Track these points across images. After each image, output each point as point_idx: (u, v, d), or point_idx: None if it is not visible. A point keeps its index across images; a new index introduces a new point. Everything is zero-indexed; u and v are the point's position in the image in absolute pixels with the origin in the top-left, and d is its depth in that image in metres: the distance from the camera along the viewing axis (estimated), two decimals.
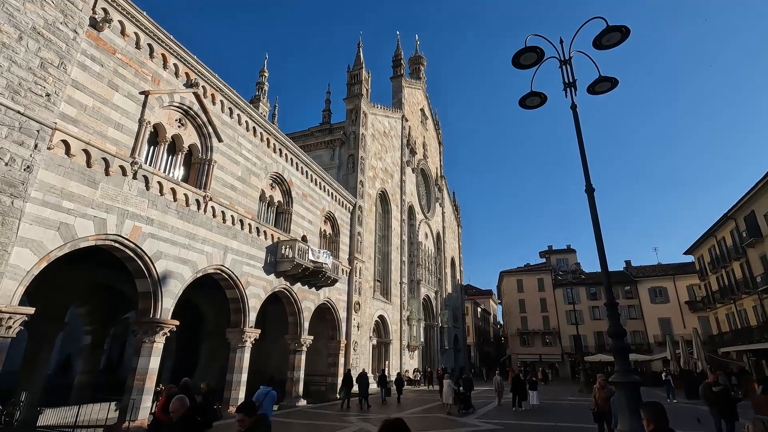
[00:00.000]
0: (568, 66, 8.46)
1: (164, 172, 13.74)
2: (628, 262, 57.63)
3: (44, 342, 16.60)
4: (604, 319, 48.06)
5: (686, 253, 43.62)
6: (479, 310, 74.58)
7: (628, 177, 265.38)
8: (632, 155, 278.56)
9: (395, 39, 43.96)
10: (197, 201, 14.53)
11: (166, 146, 14.13)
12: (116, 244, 11.66)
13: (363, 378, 20.65)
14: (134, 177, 12.10)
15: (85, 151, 10.78)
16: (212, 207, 15.23)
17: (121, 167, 11.73)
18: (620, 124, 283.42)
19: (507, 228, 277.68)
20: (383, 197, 34.25)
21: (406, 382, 27.88)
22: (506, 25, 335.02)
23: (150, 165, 13.13)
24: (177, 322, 13.22)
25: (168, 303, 13.02)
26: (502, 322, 77.51)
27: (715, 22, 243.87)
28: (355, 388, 19.93)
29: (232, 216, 16.24)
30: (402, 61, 44.00)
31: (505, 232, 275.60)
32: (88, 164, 10.86)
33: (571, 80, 8.48)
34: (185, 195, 14.00)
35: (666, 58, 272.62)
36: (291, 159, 21.11)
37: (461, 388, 17.59)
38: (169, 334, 13.10)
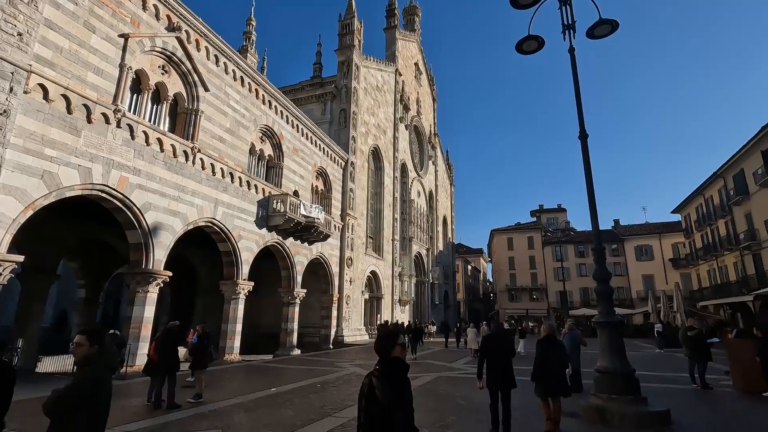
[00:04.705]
0: (567, 6, 8.13)
1: (149, 121, 13.31)
2: (616, 221, 58.60)
3: (37, 295, 16.68)
4: (590, 276, 49.40)
5: (674, 212, 44.34)
6: (469, 268, 76.16)
7: (621, 138, 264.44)
8: (626, 116, 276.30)
9: None
10: (185, 152, 14.21)
11: (150, 94, 13.61)
12: (103, 195, 11.47)
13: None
14: (118, 125, 11.72)
15: (65, 97, 10.34)
16: (201, 159, 14.93)
17: (104, 115, 11.31)
18: (613, 84, 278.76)
19: (499, 188, 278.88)
20: (376, 154, 33.85)
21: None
22: None
23: (134, 114, 12.70)
24: (170, 273, 13.30)
25: (160, 254, 13.03)
26: (491, 280, 79.48)
27: None
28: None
29: (221, 169, 15.98)
30: (396, 11, 42.08)
31: (497, 191, 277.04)
32: (69, 110, 10.44)
33: (570, 22, 8.18)
34: (172, 146, 13.65)
35: (662, 14, 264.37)
36: (281, 112, 20.56)
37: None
38: (162, 285, 13.21)
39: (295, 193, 21.05)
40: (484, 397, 6.62)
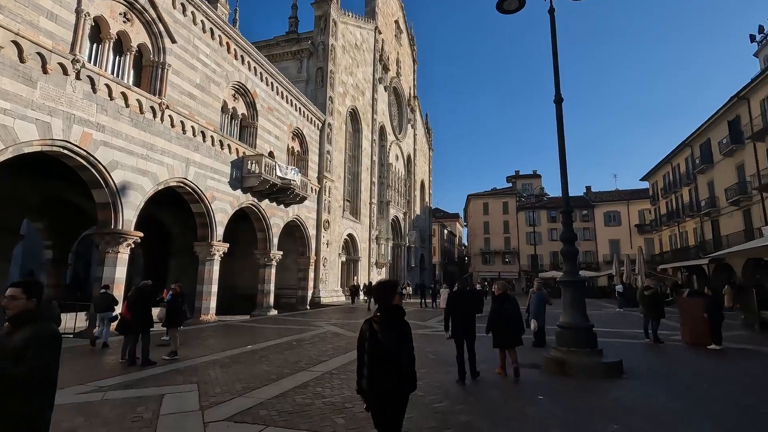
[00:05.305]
0: None
1: (112, 74, 12.55)
2: (588, 188, 60.22)
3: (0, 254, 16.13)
4: (560, 240, 51.28)
5: (643, 179, 45.82)
6: (446, 232, 77.51)
7: (594, 107, 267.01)
8: (603, 82, 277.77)
9: None
10: (152, 108, 13.56)
11: (111, 45, 12.74)
12: (65, 151, 10.92)
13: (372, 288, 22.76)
14: (77, 77, 11.00)
15: (15, 44, 9.56)
16: (170, 116, 14.30)
17: (61, 65, 10.58)
18: (591, 48, 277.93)
19: (477, 153, 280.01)
20: (354, 115, 33.16)
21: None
22: None
23: (95, 65, 11.92)
24: (141, 234, 13.03)
25: (129, 214, 12.69)
26: (466, 244, 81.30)
27: None
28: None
29: (192, 127, 15.38)
30: None
31: (475, 156, 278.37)
32: (21, 59, 9.70)
33: None
34: (138, 101, 12.98)
35: None
36: (255, 68, 19.70)
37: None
38: (133, 246, 12.97)
39: (271, 154, 20.58)
40: (453, 351, 7.01)
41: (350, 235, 31.45)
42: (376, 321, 3.04)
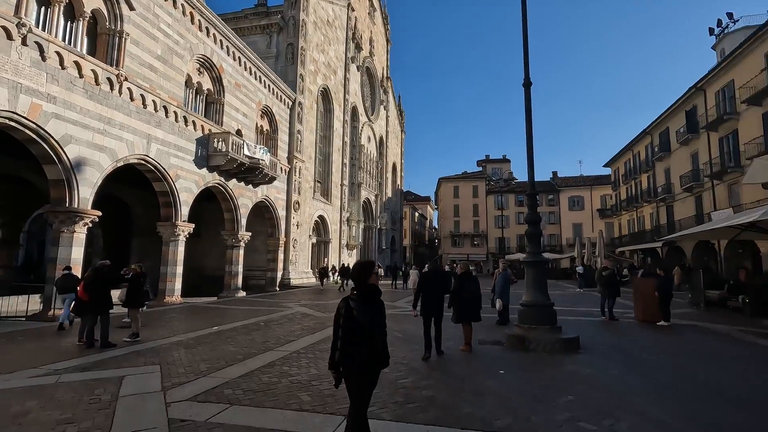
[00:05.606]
0: None
1: (64, 41, 11.70)
2: (555, 173, 62.02)
3: None
4: (525, 222, 52.80)
5: (605, 165, 47.54)
6: (416, 215, 78.24)
7: (562, 94, 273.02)
8: (574, 70, 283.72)
9: None
10: (109, 80, 12.79)
11: (62, 9, 11.84)
12: (12, 123, 10.18)
13: (346, 270, 23.75)
14: (24, 43, 10.19)
15: None
16: (129, 89, 13.54)
17: (4, 28, 9.76)
18: (565, 38, 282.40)
19: (448, 137, 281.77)
20: (325, 95, 32.50)
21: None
22: None
23: (43, 30, 11.06)
24: (99, 213, 12.44)
25: (86, 192, 12.05)
26: (437, 227, 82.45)
27: None
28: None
29: (153, 101, 14.65)
30: None
31: (448, 140, 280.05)
32: None
33: None
34: (93, 71, 12.19)
35: None
36: (221, 41, 18.86)
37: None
38: (90, 225, 12.38)
39: (238, 133, 19.96)
40: (419, 330, 7.18)
41: (321, 217, 31.22)
42: (352, 299, 3.19)
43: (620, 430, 3.93)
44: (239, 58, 20.31)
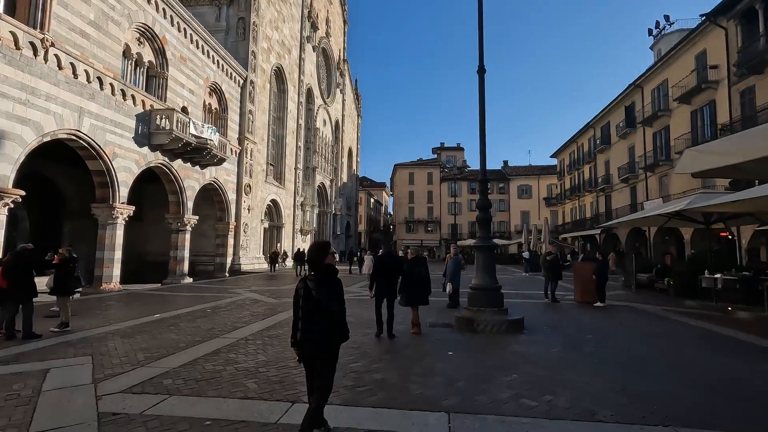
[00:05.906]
0: None
1: None
2: (505, 162, 64.28)
3: None
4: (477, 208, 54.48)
5: (552, 156, 49.82)
6: (372, 200, 78.35)
7: (514, 86, 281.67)
8: (523, 65, 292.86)
9: None
10: (32, 44, 11.50)
11: None
12: None
13: (302, 255, 23.51)
14: None
15: None
16: (56, 55, 12.26)
17: None
18: (524, 34, 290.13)
19: (405, 123, 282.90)
20: (279, 74, 31.32)
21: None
22: None
23: None
24: (22, 192, 11.32)
25: (5, 169, 10.88)
26: (392, 213, 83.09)
27: None
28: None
29: (86, 71, 13.39)
30: None
31: (404, 126, 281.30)
32: None
33: None
34: (12, 33, 10.90)
35: None
36: (163, 10, 17.53)
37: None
38: (12, 205, 11.23)
39: (184, 110, 18.80)
40: (371, 314, 7.20)
41: (274, 201, 30.39)
42: (310, 279, 3.28)
43: (559, 404, 4.13)
44: (185, 29, 19.01)
